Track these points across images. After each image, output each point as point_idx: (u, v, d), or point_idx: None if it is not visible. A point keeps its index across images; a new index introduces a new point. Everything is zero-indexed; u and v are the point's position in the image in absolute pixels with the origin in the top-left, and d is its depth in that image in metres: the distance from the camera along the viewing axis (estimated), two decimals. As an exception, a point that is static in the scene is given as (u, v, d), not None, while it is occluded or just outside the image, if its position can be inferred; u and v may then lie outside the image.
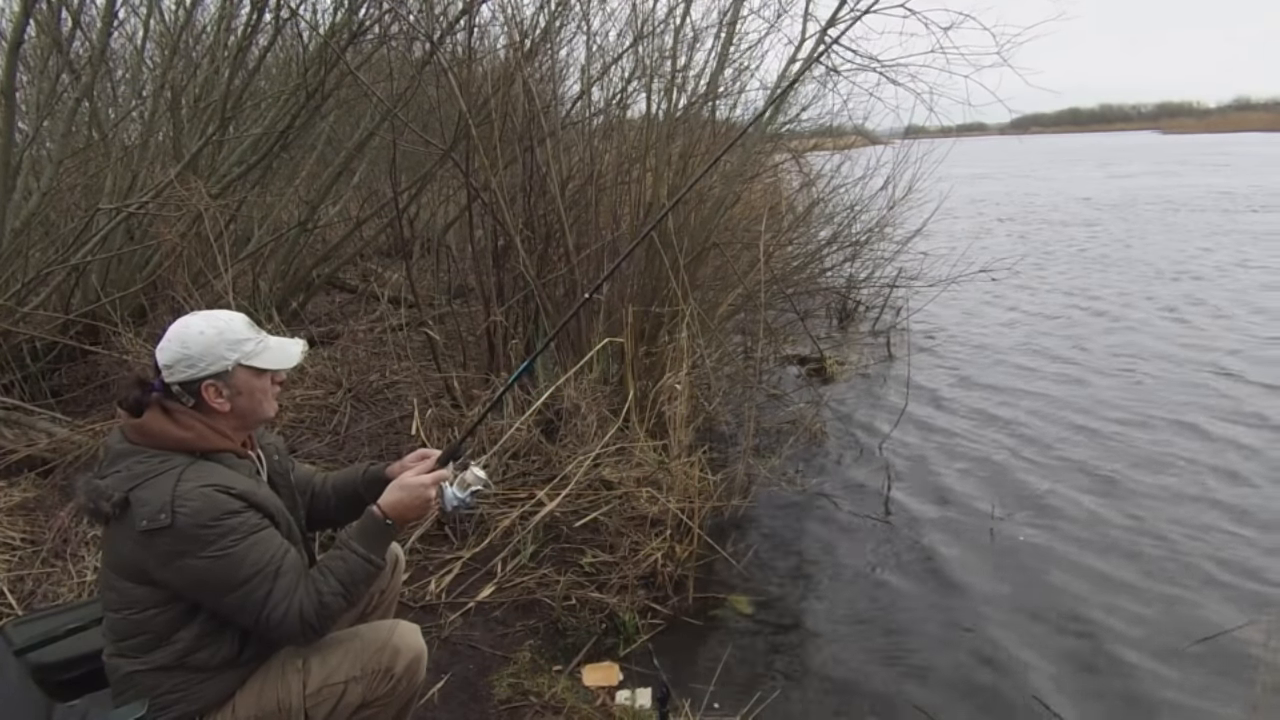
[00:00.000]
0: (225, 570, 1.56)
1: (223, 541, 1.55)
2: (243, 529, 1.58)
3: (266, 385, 1.74)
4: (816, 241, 7.34)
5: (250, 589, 1.58)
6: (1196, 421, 5.12)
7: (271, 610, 1.59)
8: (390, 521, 1.74)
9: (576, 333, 4.49)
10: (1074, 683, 2.76)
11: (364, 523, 1.74)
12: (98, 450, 3.58)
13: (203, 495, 1.55)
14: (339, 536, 1.74)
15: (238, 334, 1.69)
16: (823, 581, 3.48)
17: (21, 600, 2.90)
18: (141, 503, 1.55)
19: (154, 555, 1.56)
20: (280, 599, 1.60)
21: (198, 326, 1.67)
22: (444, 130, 4.78)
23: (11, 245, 4.19)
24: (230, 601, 1.60)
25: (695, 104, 5.04)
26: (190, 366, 1.65)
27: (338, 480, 2.05)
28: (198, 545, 1.54)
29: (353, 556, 1.69)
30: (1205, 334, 7.25)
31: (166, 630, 1.63)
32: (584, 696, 2.61)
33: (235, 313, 1.75)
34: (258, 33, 4.99)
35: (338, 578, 1.66)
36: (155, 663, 1.64)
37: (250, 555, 1.58)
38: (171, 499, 1.54)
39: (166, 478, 1.57)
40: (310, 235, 6.16)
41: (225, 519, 1.56)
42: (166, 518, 1.53)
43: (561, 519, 3.47)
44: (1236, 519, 3.87)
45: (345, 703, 1.74)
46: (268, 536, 1.63)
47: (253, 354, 1.70)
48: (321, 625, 1.65)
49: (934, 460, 4.73)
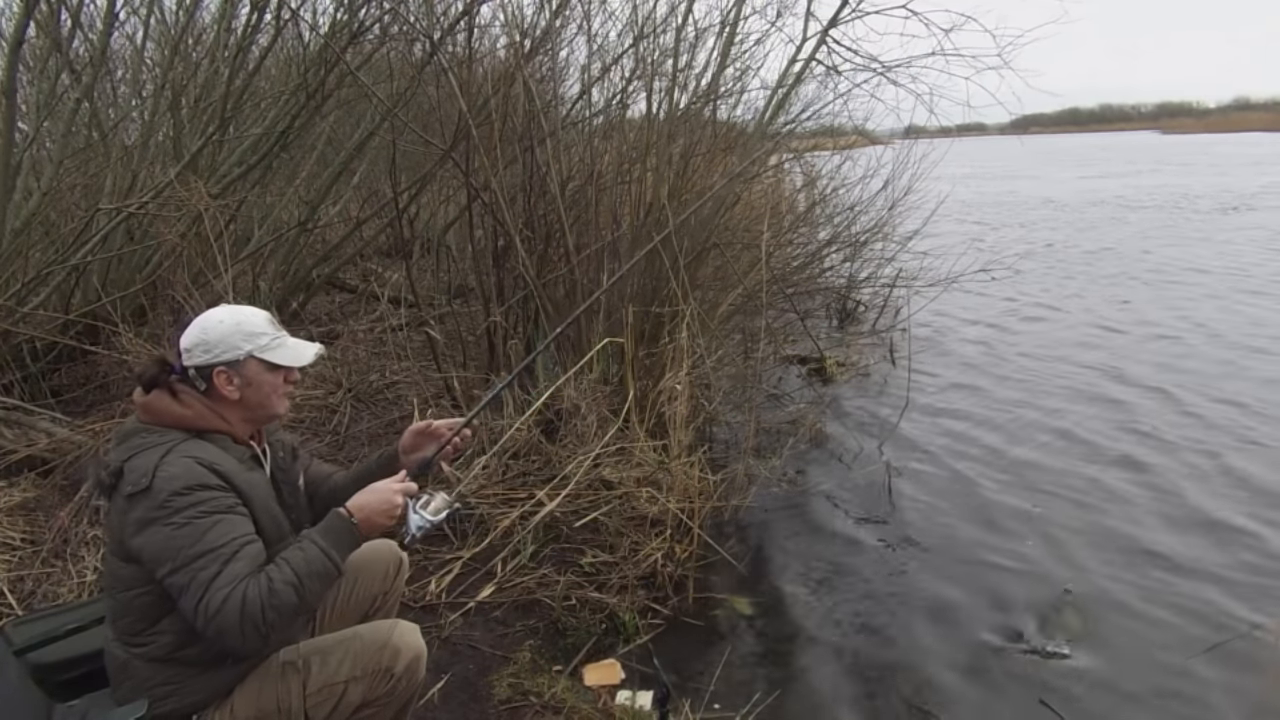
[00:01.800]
0: (182, 540, 1.54)
1: (189, 511, 1.56)
2: (211, 504, 1.58)
3: (278, 382, 1.77)
4: (817, 241, 7.35)
5: (199, 566, 1.53)
6: (1204, 421, 5.12)
7: (213, 594, 1.51)
8: (355, 521, 1.68)
9: (576, 333, 4.48)
10: (1077, 685, 2.76)
11: (329, 520, 1.70)
12: (98, 450, 3.58)
13: (184, 464, 1.59)
14: (302, 532, 1.70)
15: (255, 327, 1.74)
16: (823, 582, 3.48)
17: (21, 600, 2.90)
18: (131, 469, 1.59)
19: (131, 522, 1.58)
20: (225, 584, 1.52)
21: (218, 316, 1.74)
22: (444, 130, 4.78)
23: (12, 245, 4.19)
24: (178, 579, 1.54)
25: (696, 104, 5.04)
26: (206, 352, 1.70)
27: (358, 467, 2.06)
28: (167, 512, 1.55)
29: (312, 548, 1.62)
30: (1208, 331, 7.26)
31: (150, 613, 1.63)
32: (584, 696, 2.61)
33: (260, 310, 1.80)
34: (258, 33, 4.99)
35: (293, 567, 1.58)
36: (147, 654, 1.64)
37: (211, 533, 1.56)
38: (156, 464, 1.58)
39: (158, 449, 1.62)
40: (310, 235, 6.15)
41: (197, 490, 1.57)
42: (146, 481, 1.56)
43: (561, 519, 3.46)
44: (1252, 516, 3.87)
45: (345, 702, 1.74)
46: (235, 520, 1.61)
47: (266, 348, 1.74)
48: (266, 617, 1.52)
49: (935, 460, 4.73)
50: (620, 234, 4.65)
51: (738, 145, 5.15)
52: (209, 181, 4.61)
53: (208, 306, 1.90)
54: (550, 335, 3.79)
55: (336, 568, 1.64)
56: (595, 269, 4.51)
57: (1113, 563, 3.54)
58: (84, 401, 4.64)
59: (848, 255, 7.62)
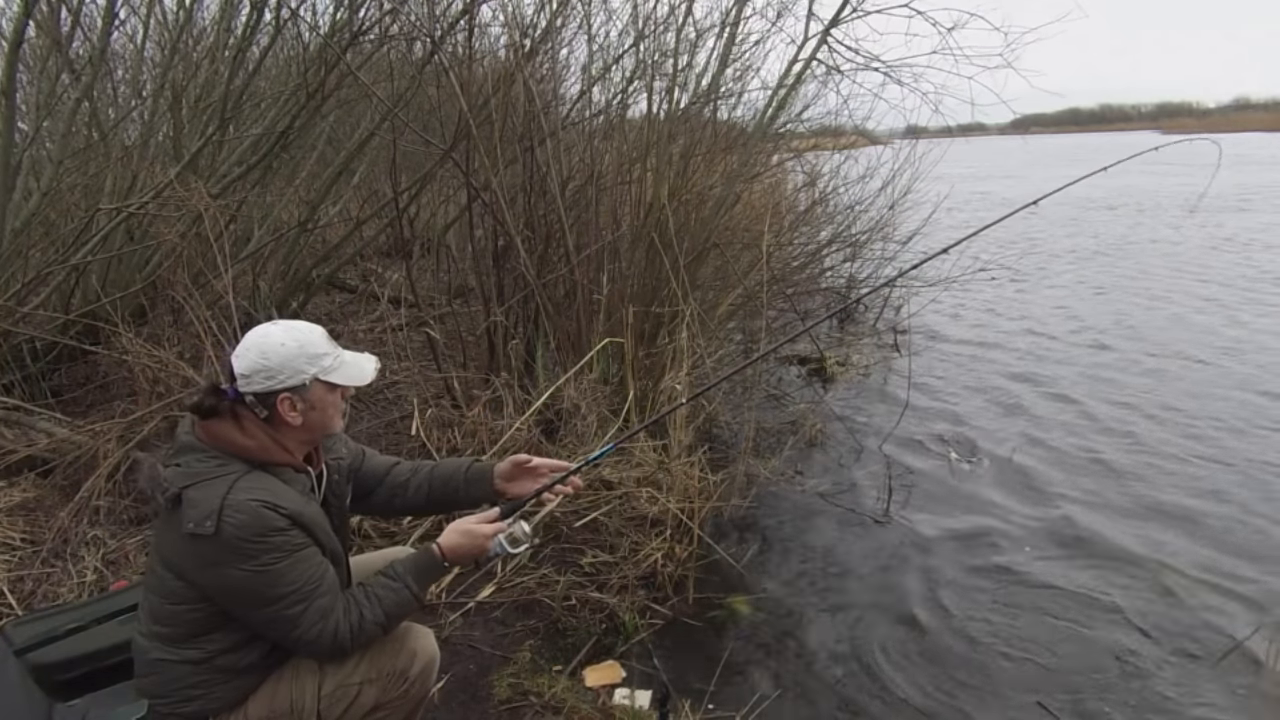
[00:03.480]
0: (262, 585, 1.57)
1: (264, 557, 1.55)
2: (286, 547, 1.58)
3: (338, 400, 1.74)
4: (817, 241, 7.35)
5: (283, 606, 1.59)
6: (1214, 420, 5.12)
7: (305, 630, 1.61)
8: (447, 564, 1.77)
9: (577, 333, 4.49)
10: (1078, 687, 2.76)
11: (421, 560, 1.76)
12: (97, 450, 3.58)
13: (251, 509, 1.55)
14: (392, 567, 1.74)
15: (317, 348, 1.68)
16: (823, 582, 3.48)
17: (21, 600, 2.90)
18: (192, 504, 1.55)
19: (195, 558, 1.57)
20: (315, 620, 1.61)
21: (278, 338, 1.65)
22: (444, 130, 4.78)
23: (11, 245, 4.19)
24: (262, 616, 1.60)
25: (697, 104, 5.03)
26: (269, 378, 1.63)
27: (440, 471, 2.03)
28: (239, 558, 1.54)
29: (404, 591, 1.71)
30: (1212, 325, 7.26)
31: (198, 629, 1.64)
32: (584, 696, 2.61)
33: (314, 325, 1.73)
34: (258, 33, 4.98)
35: (384, 608, 1.68)
36: (184, 656, 1.64)
37: (289, 574, 1.58)
38: (220, 507, 1.53)
39: (220, 483, 1.57)
40: (310, 235, 6.15)
41: (270, 536, 1.56)
42: (212, 525, 1.52)
43: (561, 519, 3.47)
44: (1261, 520, 3.87)
45: (358, 704, 1.74)
46: (308, 556, 1.63)
47: (330, 369, 1.69)
48: (353, 647, 1.66)
49: (935, 460, 4.73)
50: (620, 234, 4.65)
51: (738, 145, 5.15)
52: (209, 181, 4.60)
53: (208, 307, 1.89)
54: (553, 335, 3.78)
55: (421, 604, 1.76)
56: (595, 269, 4.51)
57: (1113, 563, 3.54)
58: (84, 401, 4.63)
59: (848, 255, 7.62)
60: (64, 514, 3.29)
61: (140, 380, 4.01)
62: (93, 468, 3.52)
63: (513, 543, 1.82)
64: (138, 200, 4.26)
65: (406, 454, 3.83)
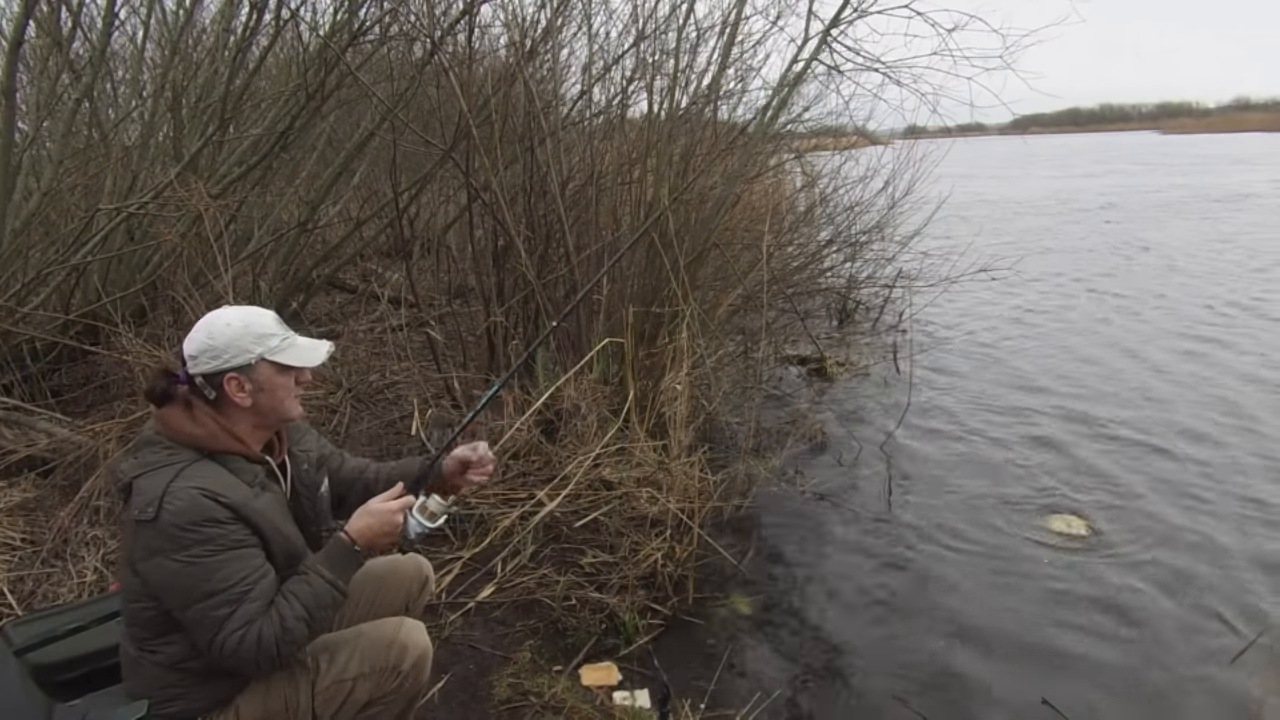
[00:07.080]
0: (192, 578, 1.53)
1: (195, 549, 1.52)
2: (220, 541, 1.55)
3: (290, 384, 1.72)
4: (817, 242, 7.35)
5: (210, 606, 1.54)
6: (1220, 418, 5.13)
7: (228, 635, 1.54)
8: (358, 548, 1.71)
9: (577, 333, 4.49)
10: (1080, 688, 2.76)
11: (331, 548, 1.71)
12: (98, 450, 3.58)
13: (190, 496, 1.53)
14: (304, 563, 1.70)
15: (264, 328, 1.68)
16: (823, 582, 3.47)
17: (21, 600, 2.90)
18: (139, 491, 1.56)
19: (140, 549, 1.57)
20: (239, 624, 1.55)
21: (225, 319, 1.67)
22: (444, 130, 4.78)
23: (11, 246, 4.19)
24: (190, 614, 1.55)
25: (697, 104, 5.03)
26: (214, 358, 1.64)
27: (391, 472, 2.02)
28: (173, 546, 1.52)
29: (319, 581, 1.65)
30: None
31: (157, 629, 1.63)
32: (584, 696, 2.61)
33: (266, 310, 1.74)
34: (258, 33, 4.98)
35: (302, 602, 1.61)
36: (154, 660, 1.64)
37: (221, 570, 1.54)
38: (162, 494, 1.54)
39: (167, 471, 1.57)
40: (310, 235, 6.15)
41: (205, 526, 1.53)
42: (153, 510, 1.52)
43: (561, 519, 3.47)
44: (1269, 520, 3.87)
45: (353, 700, 1.74)
46: (245, 555, 1.58)
47: (277, 349, 1.68)
48: (281, 652, 1.58)
49: (935, 460, 4.73)
50: (620, 234, 4.65)
51: (738, 145, 5.15)
52: (209, 182, 4.60)
53: (208, 307, 1.89)
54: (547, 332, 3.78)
55: (342, 593, 1.69)
56: (595, 269, 4.51)
57: (1119, 564, 3.54)
58: (84, 401, 4.64)
59: (848, 255, 7.62)
60: (64, 514, 3.29)
61: (140, 380, 4.01)
62: (93, 468, 3.52)
63: (429, 517, 1.79)
64: (138, 200, 4.26)
65: (407, 454, 3.83)
